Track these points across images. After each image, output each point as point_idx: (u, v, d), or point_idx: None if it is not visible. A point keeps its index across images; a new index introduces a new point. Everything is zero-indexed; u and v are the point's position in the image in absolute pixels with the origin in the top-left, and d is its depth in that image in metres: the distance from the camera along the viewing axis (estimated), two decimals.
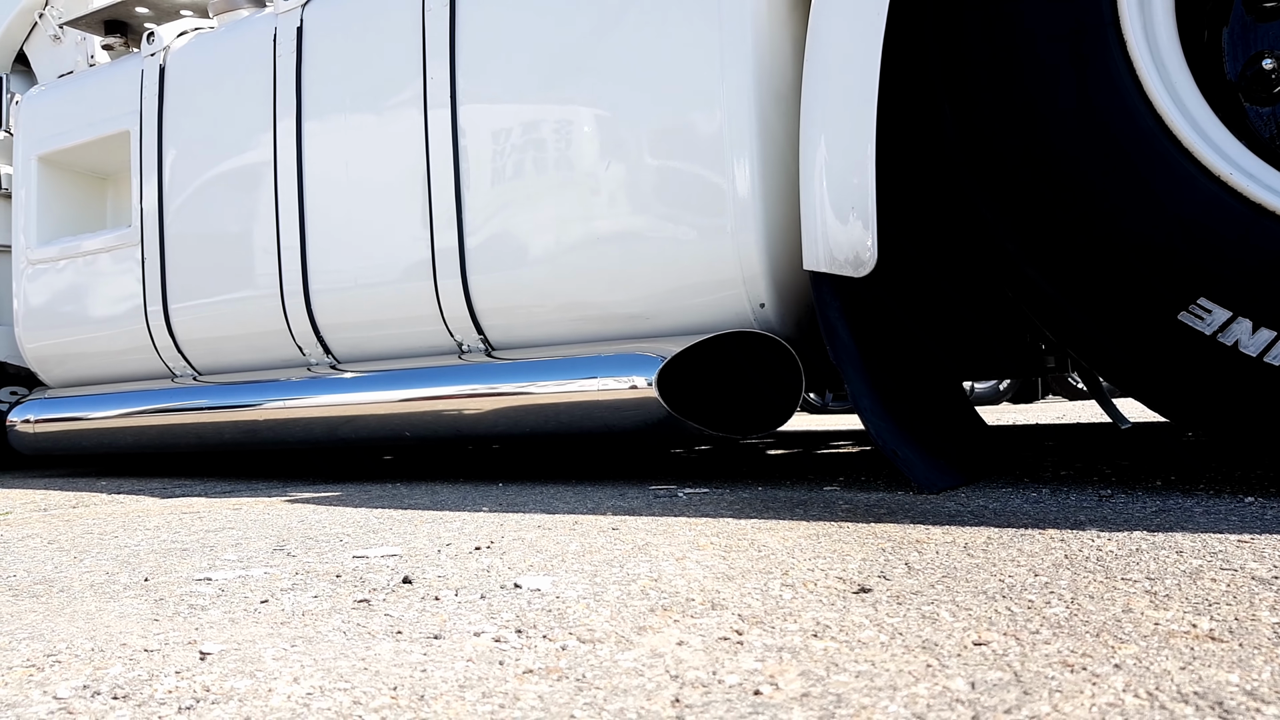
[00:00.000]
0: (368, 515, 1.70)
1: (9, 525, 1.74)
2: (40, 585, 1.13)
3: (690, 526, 1.41)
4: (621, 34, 2.21)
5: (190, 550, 1.35)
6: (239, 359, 2.84)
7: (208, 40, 2.85)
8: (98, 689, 0.70)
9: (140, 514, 1.84)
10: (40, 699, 0.69)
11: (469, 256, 2.41)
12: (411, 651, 0.78)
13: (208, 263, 2.80)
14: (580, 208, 2.26)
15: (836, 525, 1.37)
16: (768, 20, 2.12)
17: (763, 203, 2.07)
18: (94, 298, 3.04)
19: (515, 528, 1.47)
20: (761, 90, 2.08)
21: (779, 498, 1.75)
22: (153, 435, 2.86)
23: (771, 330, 2.14)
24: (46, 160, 3.13)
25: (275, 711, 0.65)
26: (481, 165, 2.37)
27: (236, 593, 1.04)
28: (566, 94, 2.27)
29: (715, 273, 2.13)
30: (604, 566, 1.11)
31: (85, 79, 3.13)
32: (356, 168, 2.57)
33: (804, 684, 0.66)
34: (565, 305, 2.35)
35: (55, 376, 3.21)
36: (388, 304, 2.58)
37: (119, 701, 0.67)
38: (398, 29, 2.49)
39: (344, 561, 1.21)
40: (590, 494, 1.93)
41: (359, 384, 2.56)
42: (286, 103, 2.65)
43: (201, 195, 2.80)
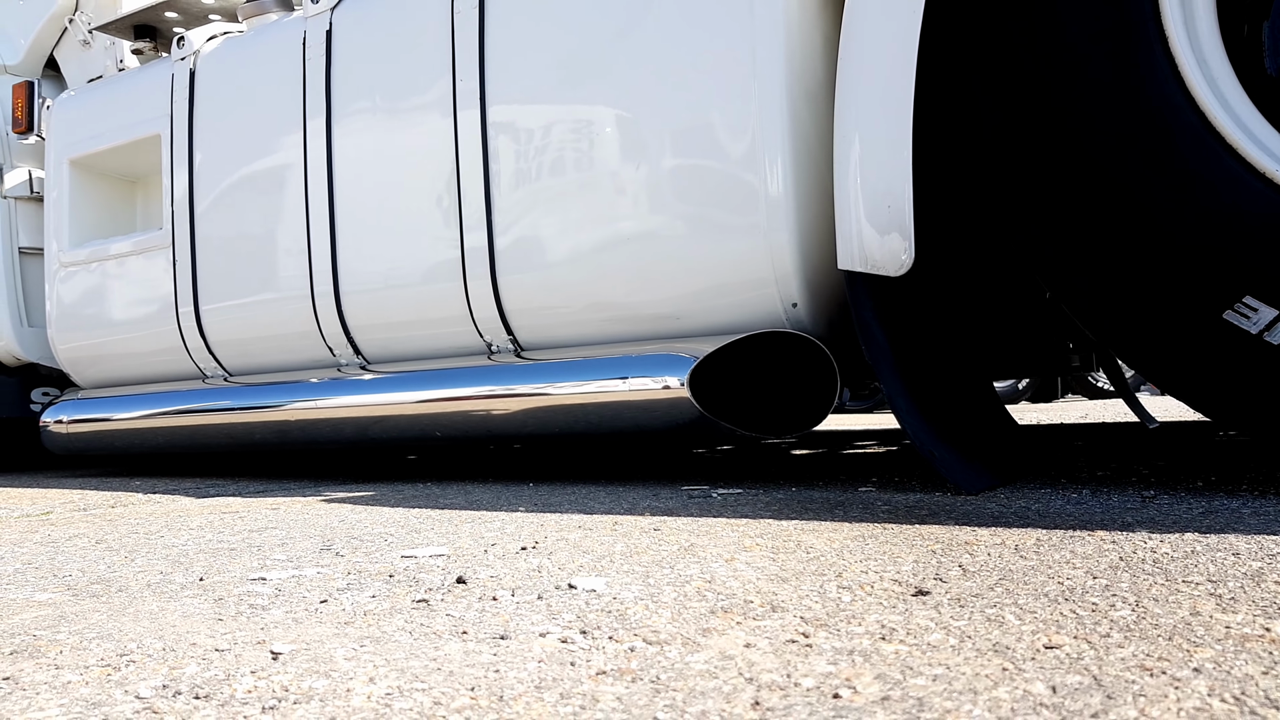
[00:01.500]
0: (407, 515, 1.71)
1: (54, 525, 1.75)
2: (98, 585, 1.14)
3: (732, 528, 1.41)
4: (651, 34, 2.21)
5: (238, 550, 1.36)
6: (270, 360, 2.85)
7: (237, 44, 2.87)
8: (178, 689, 0.71)
9: (180, 514, 1.85)
10: (123, 698, 0.70)
11: (498, 257, 2.42)
12: (480, 652, 0.79)
13: (238, 264, 2.82)
14: (610, 208, 2.26)
15: (880, 527, 1.37)
16: (799, 19, 2.12)
17: (795, 201, 2.07)
18: (125, 299, 3.06)
19: (556, 528, 1.47)
20: (794, 89, 2.08)
21: (815, 499, 1.75)
22: (185, 435, 2.88)
23: (804, 330, 2.14)
24: (78, 164, 3.16)
25: (358, 712, 0.65)
26: (511, 166, 2.38)
27: (294, 592, 1.05)
28: (596, 94, 2.27)
29: (747, 272, 2.13)
30: (654, 568, 1.12)
31: (116, 83, 3.16)
32: (386, 169, 2.58)
33: (882, 687, 0.66)
34: (594, 305, 2.35)
35: (87, 377, 3.23)
36: (418, 305, 2.59)
37: (201, 701, 0.68)
38: (427, 31, 2.50)
39: (394, 561, 1.22)
40: (624, 494, 1.93)
41: (389, 384, 2.58)
42: (316, 105, 2.66)
43: (232, 197, 2.82)
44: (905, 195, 1.78)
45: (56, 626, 0.93)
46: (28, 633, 0.91)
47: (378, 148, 2.60)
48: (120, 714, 0.66)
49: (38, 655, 0.82)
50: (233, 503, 2.05)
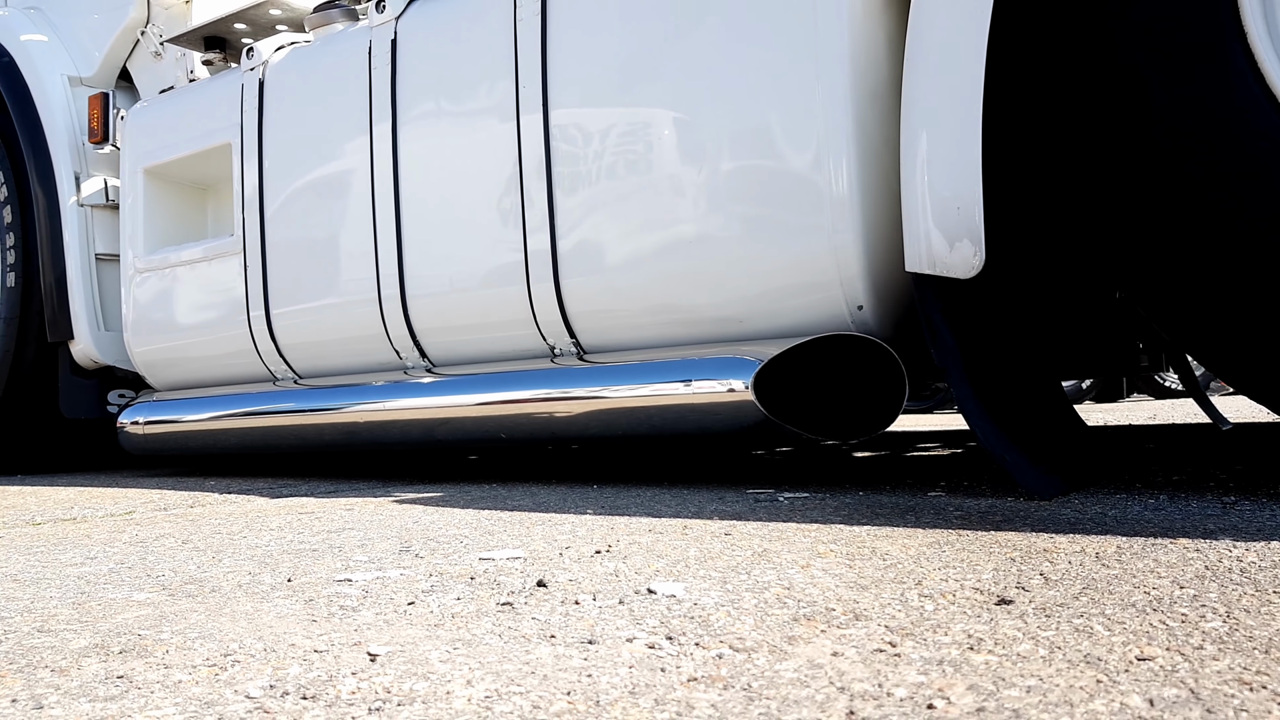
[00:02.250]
0: (478, 516, 1.74)
1: (139, 525, 1.81)
2: (191, 585, 1.18)
3: (804, 533, 1.41)
4: (712, 36, 2.22)
5: (320, 551, 1.40)
6: (338, 362, 2.91)
7: (304, 54, 2.93)
8: (285, 689, 0.74)
9: (258, 514, 1.90)
10: (234, 698, 0.72)
11: (561, 260, 2.44)
12: (571, 656, 0.80)
13: (307, 269, 2.88)
14: (671, 210, 2.27)
15: (955, 533, 1.36)
16: (863, 18, 2.11)
17: (861, 202, 2.06)
18: (198, 304, 3.14)
19: (627, 531, 1.49)
20: (858, 88, 2.07)
21: (884, 503, 1.75)
22: (256, 437, 2.95)
23: (869, 332, 2.13)
24: (151, 173, 3.25)
25: (460, 715, 0.67)
26: (573, 169, 2.40)
27: (380, 594, 1.08)
28: (656, 97, 2.29)
29: (811, 274, 2.13)
30: (730, 573, 1.13)
31: (187, 94, 3.24)
32: (450, 174, 2.62)
33: (975, 699, 0.67)
34: (657, 308, 2.36)
35: (161, 380, 3.32)
36: (482, 308, 2.62)
37: (309, 702, 0.71)
38: (490, 37, 2.53)
39: (472, 563, 1.25)
40: (689, 498, 1.94)
41: (455, 386, 2.62)
42: (382, 112, 2.71)
43: (301, 203, 2.88)
44: (975, 196, 1.76)
45: (159, 626, 0.97)
46: (132, 632, 0.95)
47: (442, 153, 2.64)
48: (233, 713, 0.69)
49: (145, 654, 0.86)
50: (307, 503, 2.10)
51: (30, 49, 3.62)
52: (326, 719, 0.67)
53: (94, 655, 0.86)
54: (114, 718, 0.69)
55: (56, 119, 3.52)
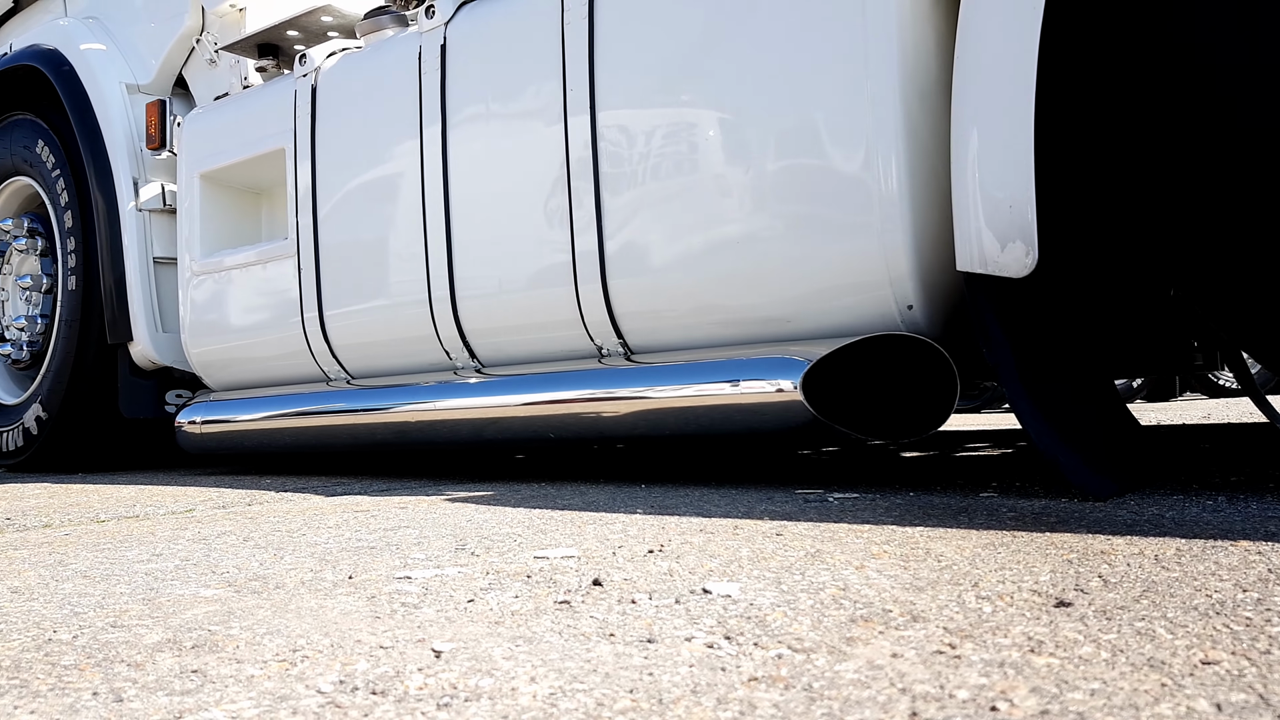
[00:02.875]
0: (530, 515, 1.76)
1: (200, 523, 1.86)
2: (256, 581, 1.21)
3: (856, 534, 1.41)
4: (760, 33, 2.22)
5: (378, 549, 1.43)
6: (390, 363, 2.95)
7: (356, 60, 2.98)
8: (354, 684, 0.76)
9: (315, 512, 1.94)
10: (306, 693, 0.74)
11: (608, 261, 2.46)
12: (631, 655, 0.81)
13: (360, 271, 2.93)
14: (719, 210, 2.28)
15: (1010, 535, 1.35)
16: (912, 16, 2.10)
17: (910, 201, 2.05)
18: (253, 306, 3.21)
19: (678, 531, 1.50)
20: (907, 87, 2.07)
21: (936, 504, 1.74)
22: (311, 436, 3.00)
23: (919, 332, 2.12)
24: (207, 178, 3.32)
25: (527, 711, 0.69)
26: (620, 169, 2.41)
27: (440, 591, 1.10)
28: (702, 97, 2.29)
29: (860, 274, 2.12)
30: (784, 574, 1.13)
31: (241, 100, 3.31)
32: (499, 177, 2.65)
33: (1039, 701, 0.67)
34: (705, 308, 2.37)
35: (218, 380, 3.40)
36: (530, 309, 2.65)
37: (378, 697, 0.73)
38: (537, 40, 2.56)
39: (528, 562, 1.26)
40: (738, 498, 1.95)
41: (504, 387, 2.64)
42: (432, 116, 2.74)
43: (353, 207, 2.93)
44: (1027, 195, 1.75)
45: (227, 622, 0.99)
46: (202, 627, 0.97)
47: (491, 156, 2.67)
48: (306, 707, 0.71)
49: (217, 649, 0.88)
50: (362, 501, 2.13)
51: (89, 58, 3.71)
52: (396, 714, 0.69)
53: (167, 650, 0.89)
54: (191, 711, 0.72)
55: (115, 126, 3.60)
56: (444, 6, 2.74)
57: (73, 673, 0.83)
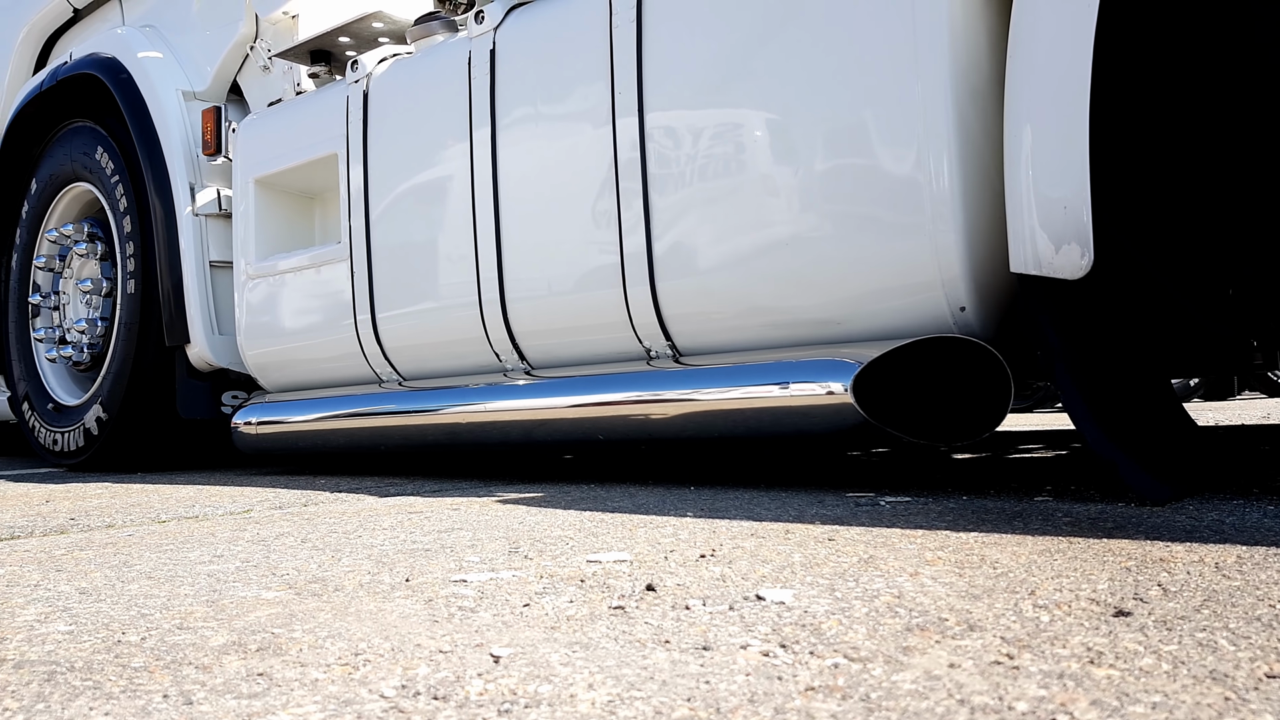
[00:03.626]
0: (580, 518, 1.77)
1: (258, 524, 1.90)
2: (315, 584, 1.23)
3: (909, 539, 1.41)
4: (809, 34, 2.21)
5: (433, 551, 1.45)
6: (441, 365, 2.99)
7: (406, 65, 3.02)
8: (416, 689, 0.77)
9: (370, 514, 1.97)
10: (369, 697, 0.76)
11: (657, 263, 2.46)
12: (687, 663, 0.82)
13: (411, 274, 2.96)
14: (767, 211, 2.28)
15: (1066, 541, 1.34)
16: (963, 15, 2.08)
17: (962, 201, 2.04)
18: (307, 309, 3.26)
19: (729, 535, 1.50)
20: (959, 86, 2.05)
21: (990, 509, 1.72)
22: (363, 437, 3.05)
23: (972, 334, 2.10)
24: (262, 183, 3.38)
25: (586, 718, 0.69)
26: (669, 171, 2.42)
27: (495, 595, 1.11)
28: (751, 96, 2.29)
29: (911, 275, 2.11)
30: (838, 580, 1.13)
31: (295, 106, 3.36)
32: (548, 180, 2.67)
33: (1099, 714, 0.66)
34: (754, 310, 2.37)
35: (272, 381, 3.46)
36: (579, 311, 2.66)
37: (440, 702, 0.74)
38: (586, 43, 2.57)
39: (580, 565, 1.28)
40: (789, 501, 1.95)
41: (553, 389, 2.66)
42: (481, 120, 2.77)
43: (404, 211, 2.97)
44: (1082, 196, 1.73)
45: (290, 624, 1.02)
46: (266, 630, 1.00)
47: (540, 159, 2.69)
48: (370, 712, 0.73)
49: (281, 653, 0.91)
50: (415, 502, 2.16)
51: (147, 66, 3.80)
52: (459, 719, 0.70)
53: (233, 653, 0.91)
54: (259, 714, 0.74)
55: (172, 132, 3.68)
56: (493, 12, 2.76)
57: (143, 675, 0.86)
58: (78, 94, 4.12)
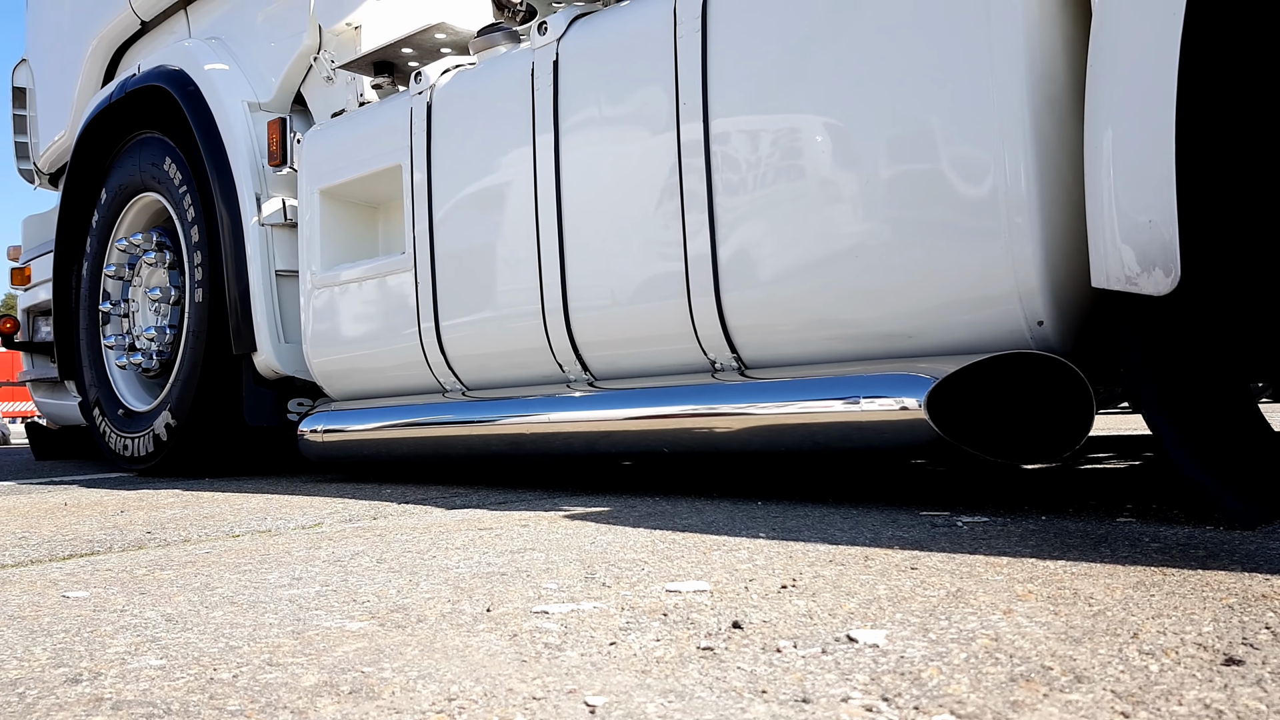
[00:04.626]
0: (651, 538, 1.76)
1: (331, 540, 1.91)
2: (397, 614, 1.23)
3: (995, 569, 1.37)
4: (879, 38, 2.17)
5: (509, 575, 1.44)
6: (504, 375, 3.00)
7: (469, 76, 3.02)
8: None
9: (440, 530, 1.98)
10: None
11: (722, 273, 2.44)
12: (789, 717, 0.80)
13: (475, 284, 2.97)
14: (836, 222, 2.24)
15: (1159, 572, 1.30)
16: (1038, 20, 2.03)
17: (1040, 212, 1.99)
18: (372, 318, 3.29)
19: (807, 561, 1.48)
20: (1035, 93, 2.01)
21: (1071, 531, 1.68)
22: (427, 446, 3.06)
23: (1050, 349, 2.05)
24: (327, 193, 3.42)
25: None
26: (734, 181, 2.39)
27: (579, 630, 1.11)
28: (819, 102, 2.26)
29: (986, 287, 2.07)
30: (929, 619, 1.10)
31: (359, 118, 3.39)
32: (612, 190, 2.66)
33: None
34: (822, 322, 2.34)
35: (338, 389, 3.50)
36: (643, 322, 2.65)
37: None
38: (650, 54, 2.56)
39: (660, 596, 1.26)
40: (861, 520, 1.91)
41: (616, 400, 2.65)
42: (545, 130, 2.77)
43: (468, 221, 2.98)
44: (1168, 210, 1.67)
45: (378, 661, 1.02)
46: (355, 668, 1.00)
47: (603, 170, 2.68)
48: None
49: (374, 696, 0.90)
50: (482, 517, 2.17)
51: (213, 78, 3.86)
52: None
53: (326, 695, 0.91)
54: None
55: (238, 143, 3.74)
56: (556, 23, 2.76)
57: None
58: (146, 105, 4.20)
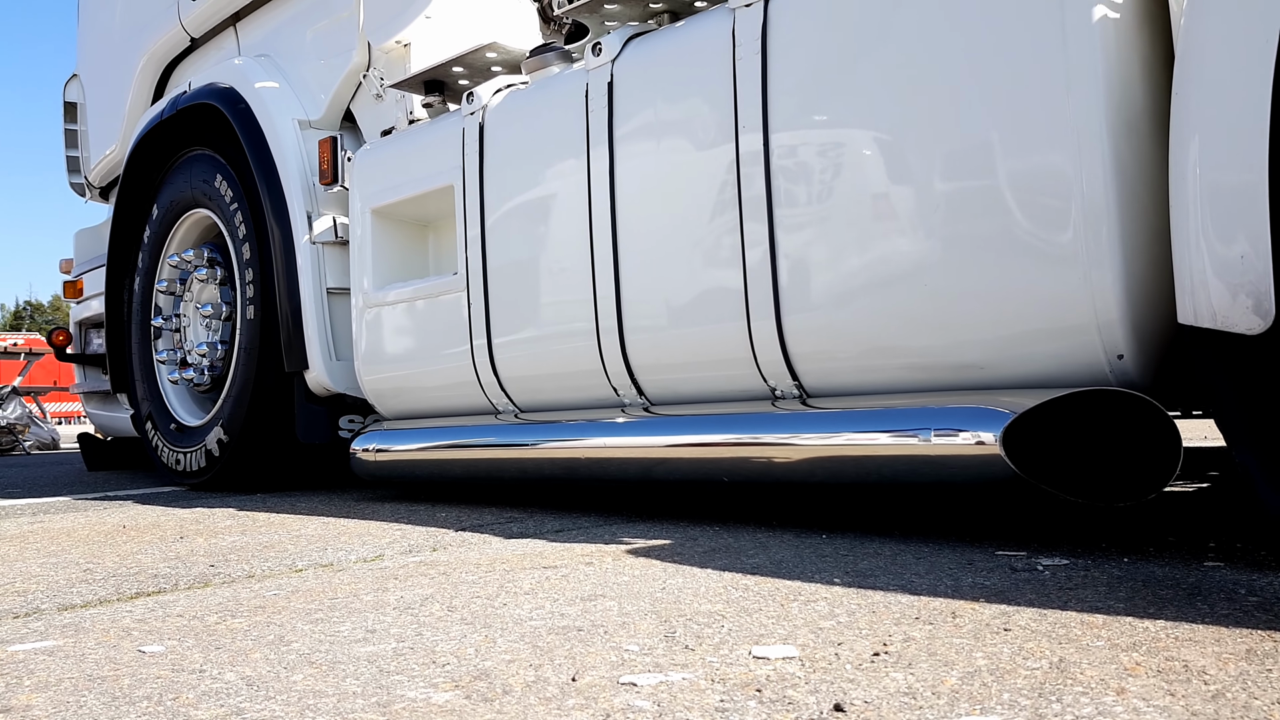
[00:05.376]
0: (723, 583, 1.72)
1: (398, 580, 1.89)
2: (480, 681, 1.21)
3: (1092, 630, 1.32)
4: (949, 62, 2.12)
5: (585, 632, 1.41)
6: (558, 397, 2.97)
7: (522, 97, 3.00)
8: None
9: (504, 568, 1.95)
10: None
11: (783, 297, 2.40)
12: None
13: (527, 306, 2.95)
14: (901, 246, 2.19)
15: (1268, 638, 1.24)
16: (1116, 42, 1.98)
17: (1120, 240, 1.94)
18: (424, 338, 3.28)
19: (892, 618, 1.43)
20: (1113, 118, 1.95)
21: (1159, 579, 1.62)
22: (480, 468, 3.05)
23: (1130, 384, 1.99)
24: (379, 213, 3.41)
25: None
26: (796, 205, 2.35)
27: (672, 708, 1.07)
28: (886, 127, 2.21)
29: (1064, 317, 2.01)
30: (1040, 700, 1.06)
31: (410, 137, 3.38)
32: (668, 212, 2.62)
33: None
34: (888, 350, 2.29)
35: (389, 408, 3.49)
36: (700, 345, 2.61)
37: None
38: (708, 74, 2.52)
39: (748, 664, 1.23)
40: (935, 560, 1.87)
41: (674, 427, 2.62)
42: (599, 152, 2.74)
43: (520, 242, 2.95)
44: (1262, 245, 1.61)
45: None
46: None
47: (659, 192, 2.65)
48: None
49: None
50: (544, 551, 2.14)
51: (264, 96, 3.87)
52: None
53: None
54: None
55: (289, 161, 3.75)
56: (611, 44, 2.73)
57: None
58: (197, 122, 4.23)
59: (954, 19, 2.10)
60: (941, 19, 2.12)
